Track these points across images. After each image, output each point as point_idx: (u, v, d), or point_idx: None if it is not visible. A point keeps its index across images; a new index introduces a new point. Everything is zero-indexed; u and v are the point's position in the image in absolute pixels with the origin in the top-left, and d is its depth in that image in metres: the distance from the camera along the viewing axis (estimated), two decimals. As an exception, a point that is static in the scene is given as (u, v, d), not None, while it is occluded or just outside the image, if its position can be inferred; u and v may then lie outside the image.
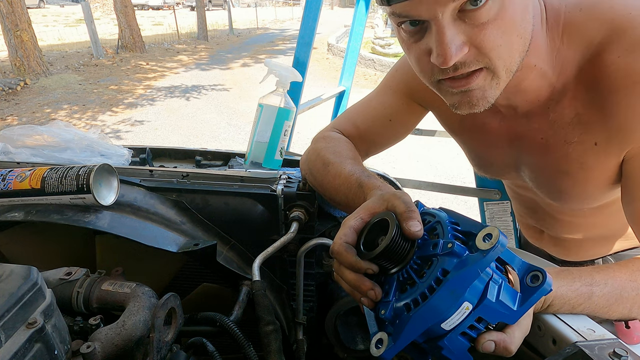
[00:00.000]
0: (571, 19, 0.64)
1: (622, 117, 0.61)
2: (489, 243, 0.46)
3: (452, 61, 0.54)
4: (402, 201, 0.54)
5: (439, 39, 0.54)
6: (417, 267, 0.51)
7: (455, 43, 0.54)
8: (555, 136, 0.70)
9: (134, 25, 11.36)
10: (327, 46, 11.83)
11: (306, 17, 1.92)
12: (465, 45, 0.55)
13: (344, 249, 0.55)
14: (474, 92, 0.60)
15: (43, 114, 6.43)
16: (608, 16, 0.61)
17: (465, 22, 0.54)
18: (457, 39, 0.54)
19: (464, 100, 0.61)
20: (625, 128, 0.62)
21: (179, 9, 26.10)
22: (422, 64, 0.60)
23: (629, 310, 0.59)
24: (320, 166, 0.81)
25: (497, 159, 0.84)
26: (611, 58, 0.60)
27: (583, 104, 0.65)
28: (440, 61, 0.55)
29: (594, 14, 0.62)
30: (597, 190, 0.73)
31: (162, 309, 0.56)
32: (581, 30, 0.63)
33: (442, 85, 0.61)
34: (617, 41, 0.59)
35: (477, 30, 0.54)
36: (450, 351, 0.48)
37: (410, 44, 0.60)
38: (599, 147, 0.66)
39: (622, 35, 0.59)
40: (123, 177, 0.82)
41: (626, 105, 0.60)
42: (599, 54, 0.61)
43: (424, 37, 0.58)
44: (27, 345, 0.43)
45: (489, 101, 0.61)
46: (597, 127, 0.65)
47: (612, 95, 0.61)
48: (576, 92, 0.65)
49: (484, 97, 0.60)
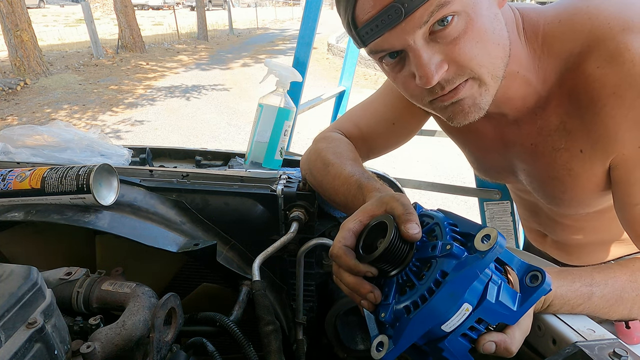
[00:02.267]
0: (550, 31, 0.65)
1: (603, 127, 0.62)
2: (487, 244, 0.46)
3: (434, 79, 0.57)
4: (400, 203, 0.55)
5: (417, 62, 0.57)
6: (416, 269, 0.51)
7: (434, 62, 0.57)
8: (543, 143, 0.71)
9: (134, 25, 11.36)
10: (327, 46, 11.83)
11: (306, 17, 1.93)
12: (444, 62, 0.57)
13: (343, 252, 0.55)
14: (464, 101, 0.61)
15: (43, 114, 6.43)
16: (586, 27, 0.61)
17: (438, 42, 0.56)
18: (435, 58, 0.57)
19: (457, 110, 0.63)
20: (607, 137, 0.63)
21: (179, 9, 26.12)
22: (411, 89, 0.63)
23: (629, 310, 0.59)
24: (321, 166, 0.81)
25: (495, 163, 0.85)
26: (590, 69, 0.61)
27: (567, 112, 0.66)
28: (423, 82, 0.57)
29: (573, 26, 0.63)
30: (588, 196, 0.74)
31: (162, 309, 0.56)
32: (561, 41, 0.64)
33: (434, 104, 0.64)
34: (595, 52, 0.60)
35: (452, 47, 0.56)
36: (450, 353, 0.48)
37: (395, 75, 0.63)
38: (585, 154, 0.67)
39: (600, 46, 0.60)
40: (123, 177, 0.82)
41: (606, 115, 0.61)
42: (579, 65, 0.62)
43: (404, 65, 0.61)
44: (27, 345, 0.43)
45: (482, 107, 0.63)
46: (581, 135, 0.66)
47: (592, 105, 0.62)
48: (560, 101, 0.67)
49: (475, 104, 0.62)
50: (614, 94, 0.59)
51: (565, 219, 0.90)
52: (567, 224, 0.91)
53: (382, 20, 0.55)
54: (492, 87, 0.61)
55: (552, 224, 0.95)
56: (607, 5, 0.61)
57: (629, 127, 0.60)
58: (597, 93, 0.61)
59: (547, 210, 0.91)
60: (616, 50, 0.58)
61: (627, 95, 0.58)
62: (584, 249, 0.97)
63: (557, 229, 0.95)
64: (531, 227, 1.07)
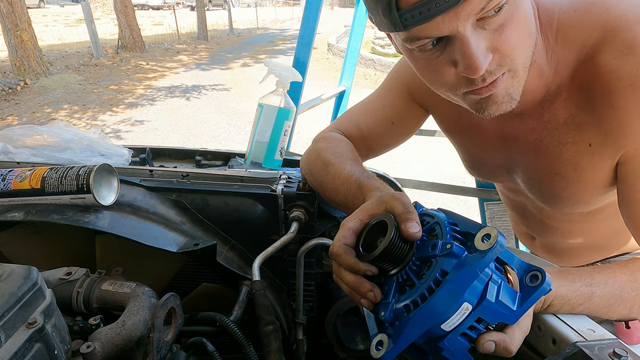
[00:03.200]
0: (566, 20, 0.64)
1: (616, 120, 0.61)
2: (487, 243, 0.46)
3: (482, 69, 0.54)
4: (400, 202, 0.54)
5: (465, 51, 0.54)
6: (416, 268, 0.51)
7: (481, 51, 0.54)
8: (549, 137, 0.70)
9: (134, 25, 11.36)
10: (327, 46, 11.83)
11: (306, 17, 1.93)
12: (489, 51, 0.55)
13: (343, 250, 0.55)
14: (499, 92, 0.60)
15: (43, 114, 6.43)
16: (603, 18, 0.61)
17: (485, 28, 0.54)
18: (481, 46, 0.54)
19: (490, 102, 0.61)
20: (619, 130, 0.62)
21: (179, 9, 26.11)
22: (446, 77, 0.59)
23: (629, 310, 0.59)
24: (321, 166, 0.81)
25: (491, 160, 0.84)
26: (605, 60, 0.60)
27: (577, 105, 0.65)
28: (470, 72, 0.55)
29: (589, 16, 0.62)
30: (589, 193, 0.73)
31: (162, 309, 0.56)
32: (576, 31, 0.63)
33: (467, 95, 0.61)
34: (611, 43, 0.59)
35: (497, 34, 0.55)
36: (450, 352, 0.48)
37: (429, 61, 0.59)
38: (593, 148, 0.66)
39: (617, 37, 0.59)
40: (123, 177, 0.82)
41: (620, 108, 0.60)
42: (594, 56, 0.61)
43: (442, 52, 0.57)
44: (27, 345, 0.43)
45: (514, 98, 0.61)
46: (591, 128, 0.65)
47: (606, 97, 0.61)
48: (570, 93, 0.66)
49: (508, 95, 0.60)
50: (630, 85, 0.58)
51: (553, 220, 0.90)
52: (555, 225, 0.90)
53: (436, 4, 0.50)
54: (522, 77, 0.60)
55: (540, 226, 0.94)
56: None
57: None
58: (614, 85, 0.59)
59: (536, 211, 0.91)
60: (633, 41, 0.57)
61: None
62: (573, 252, 0.97)
63: (544, 231, 0.95)
64: (520, 230, 1.06)
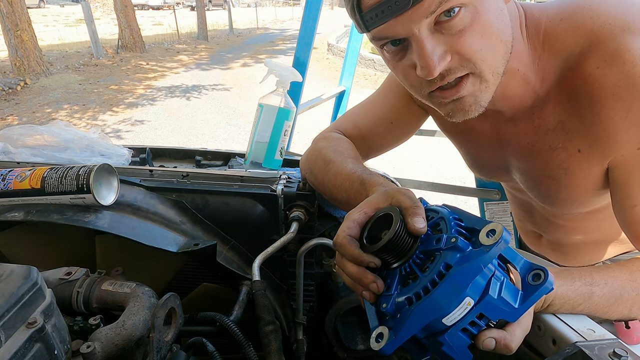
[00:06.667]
0: (552, 29, 0.65)
1: (601, 128, 0.62)
2: (492, 238, 0.46)
3: (436, 71, 0.56)
4: (408, 197, 0.55)
5: (420, 52, 0.56)
6: (419, 261, 0.51)
7: (437, 53, 0.56)
8: (540, 141, 0.71)
9: (134, 25, 11.36)
10: (327, 46, 11.83)
11: (306, 17, 1.93)
12: (447, 53, 0.57)
13: (347, 241, 0.55)
14: (465, 98, 0.61)
15: (43, 114, 6.42)
16: (587, 27, 0.61)
17: (442, 33, 0.56)
18: (438, 50, 0.56)
19: (457, 108, 0.63)
20: (606, 138, 0.63)
21: (179, 8, 26.11)
22: (411, 79, 0.62)
23: (628, 310, 0.59)
24: (322, 165, 0.81)
25: (489, 161, 0.85)
26: (589, 69, 0.61)
27: (565, 112, 0.66)
28: (425, 73, 0.57)
29: (574, 25, 0.63)
30: (583, 196, 0.74)
31: (162, 309, 0.56)
32: (562, 40, 0.64)
33: (433, 97, 0.63)
34: (595, 52, 0.60)
35: (456, 38, 0.56)
36: (450, 347, 0.48)
37: (395, 63, 0.63)
38: (582, 154, 0.67)
39: (600, 46, 0.60)
40: (123, 177, 0.82)
41: (605, 116, 0.61)
42: (579, 65, 0.62)
43: (406, 54, 0.60)
44: (27, 345, 0.43)
45: (482, 105, 0.63)
46: (580, 134, 0.66)
47: (591, 105, 0.62)
48: (559, 100, 0.66)
49: (476, 102, 0.62)
50: (613, 95, 0.59)
51: (558, 218, 0.90)
52: (561, 223, 0.91)
53: (389, 7, 0.54)
54: (492, 83, 0.61)
55: (546, 224, 0.95)
56: (609, 5, 0.61)
57: (627, 128, 0.60)
58: (597, 93, 0.61)
59: (541, 209, 0.91)
60: (616, 51, 0.58)
61: (626, 96, 0.58)
62: (580, 249, 0.97)
63: (551, 229, 0.95)
64: (526, 227, 1.07)
